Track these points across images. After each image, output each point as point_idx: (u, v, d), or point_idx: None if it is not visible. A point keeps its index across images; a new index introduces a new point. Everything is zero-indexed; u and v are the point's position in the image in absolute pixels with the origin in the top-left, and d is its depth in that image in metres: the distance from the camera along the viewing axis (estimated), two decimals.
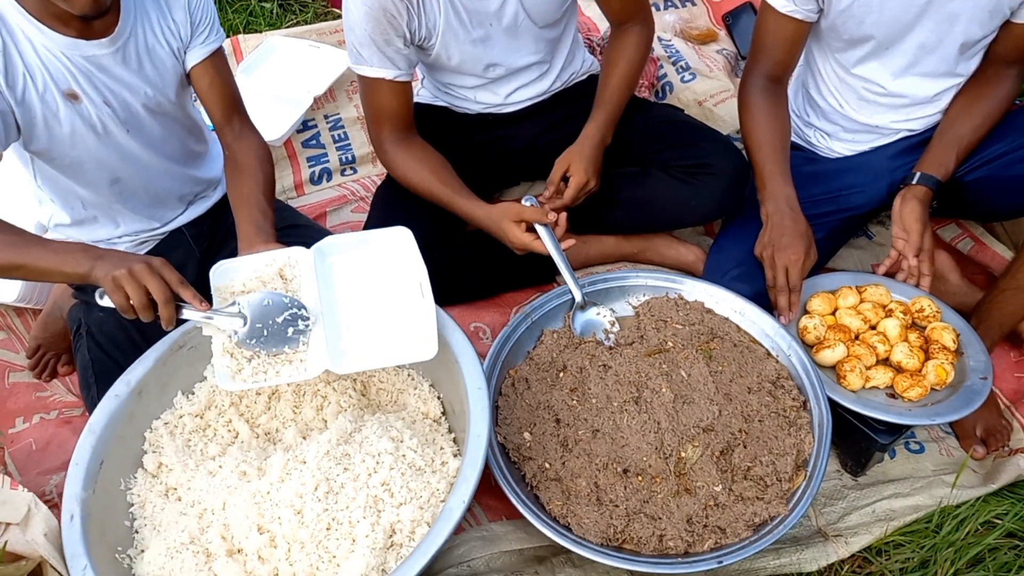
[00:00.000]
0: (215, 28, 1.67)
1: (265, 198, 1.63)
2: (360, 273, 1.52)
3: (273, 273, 1.46)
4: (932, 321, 1.72)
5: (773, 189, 1.77)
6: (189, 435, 1.58)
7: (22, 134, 1.54)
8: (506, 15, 1.79)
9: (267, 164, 1.70)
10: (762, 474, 1.46)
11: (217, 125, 1.72)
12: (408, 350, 1.42)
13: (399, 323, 1.45)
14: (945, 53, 1.74)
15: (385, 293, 1.49)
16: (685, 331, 1.65)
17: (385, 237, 1.54)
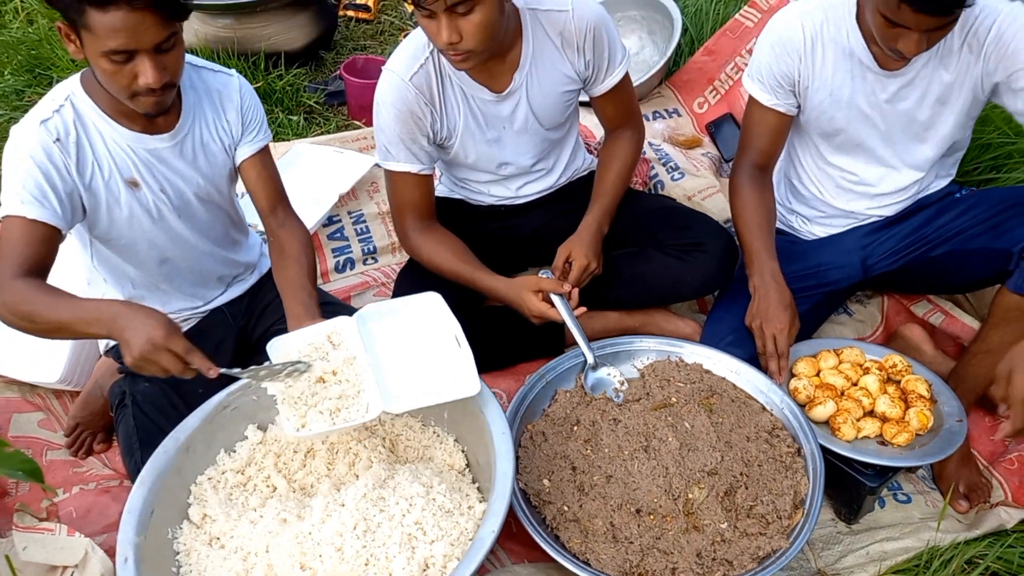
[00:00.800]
0: (263, 128, 1.88)
1: (309, 281, 1.80)
2: (400, 332, 1.69)
3: (323, 340, 1.63)
4: (905, 375, 1.89)
5: (759, 264, 1.96)
6: (231, 489, 1.70)
7: (87, 216, 1.73)
8: (517, 119, 2.02)
9: (309, 249, 1.86)
10: (763, 512, 1.59)
11: (263, 214, 1.89)
12: (453, 389, 1.58)
13: (441, 369, 1.62)
14: (912, 149, 1.97)
15: (424, 347, 1.66)
16: (687, 388, 1.81)
17: (418, 301, 1.73)
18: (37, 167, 1.61)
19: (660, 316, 2.20)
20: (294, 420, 1.54)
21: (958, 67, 1.82)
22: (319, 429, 1.53)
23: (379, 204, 2.59)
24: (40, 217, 1.59)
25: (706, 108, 3.00)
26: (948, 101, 1.88)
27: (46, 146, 1.62)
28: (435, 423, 1.78)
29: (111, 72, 1.53)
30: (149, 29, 1.49)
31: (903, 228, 2.08)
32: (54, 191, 1.61)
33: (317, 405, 1.56)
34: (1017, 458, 1.94)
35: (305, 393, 1.57)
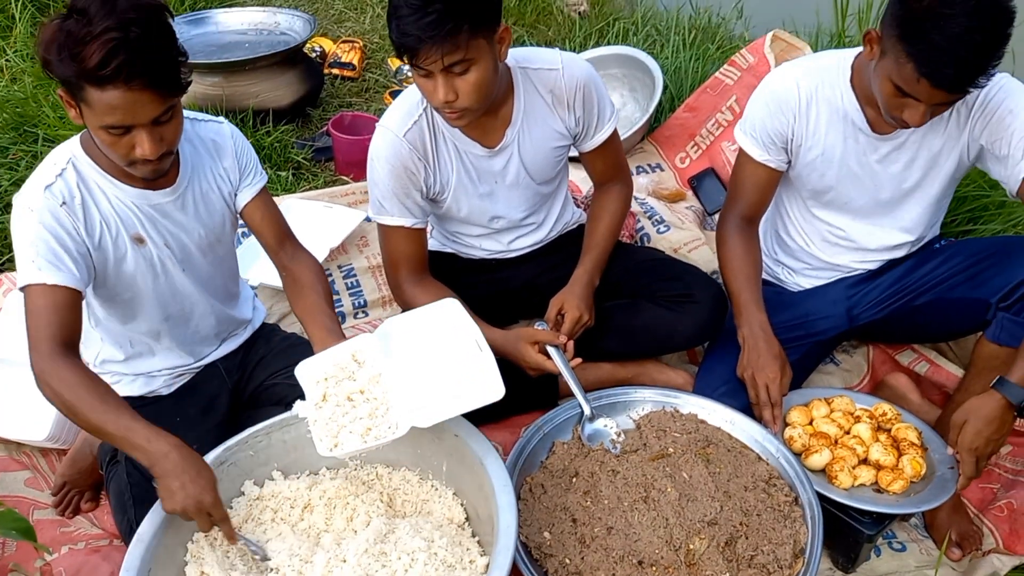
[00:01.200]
0: (259, 169, 1.90)
1: (328, 305, 1.83)
2: (421, 343, 1.71)
3: (347, 359, 1.66)
4: (895, 423, 1.92)
5: (748, 316, 2.00)
6: (228, 548, 1.68)
7: (96, 277, 1.73)
8: (509, 174, 2.06)
9: (323, 277, 1.90)
10: (764, 562, 1.60)
11: (272, 251, 1.92)
12: (477, 396, 1.60)
13: (464, 376, 1.64)
14: (899, 209, 2.03)
15: (446, 355, 1.68)
16: (683, 439, 1.82)
17: (437, 309, 1.77)
18: (48, 231, 1.61)
19: (652, 367, 2.22)
20: (327, 441, 1.57)
21: (947, 132, 1.89)
22: (351, 448, 1.56)
23: (369, 258, 2.61)
24: (60, 281, 1.59)
25: (688, 163, 3.07)
26: (936, 164, 1.94)
27: (53, 210, 1.62)
28: (433, 476, 1.78)
29: (109, 143, 1.55)
30: (146, 106, 1.50)
31: (887, 279, 2.13)
32: (68, 254, 1.61)
33: (347, 425, 1.59)
34: (1007, 505, 1.97)
35: (336, 414, 1.60)
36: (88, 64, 1.41)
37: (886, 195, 2.01)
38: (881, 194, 2.01)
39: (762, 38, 2.86)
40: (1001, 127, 1.81)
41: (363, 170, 2.98)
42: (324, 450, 1.56)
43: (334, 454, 1.56)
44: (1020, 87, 1.82)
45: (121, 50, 1.42)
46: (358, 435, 1.58)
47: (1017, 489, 1.99)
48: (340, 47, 3.80)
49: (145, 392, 1.95)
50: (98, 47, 1.41)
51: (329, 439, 1.58)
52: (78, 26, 1.42)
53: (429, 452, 1.76)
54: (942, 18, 1.57)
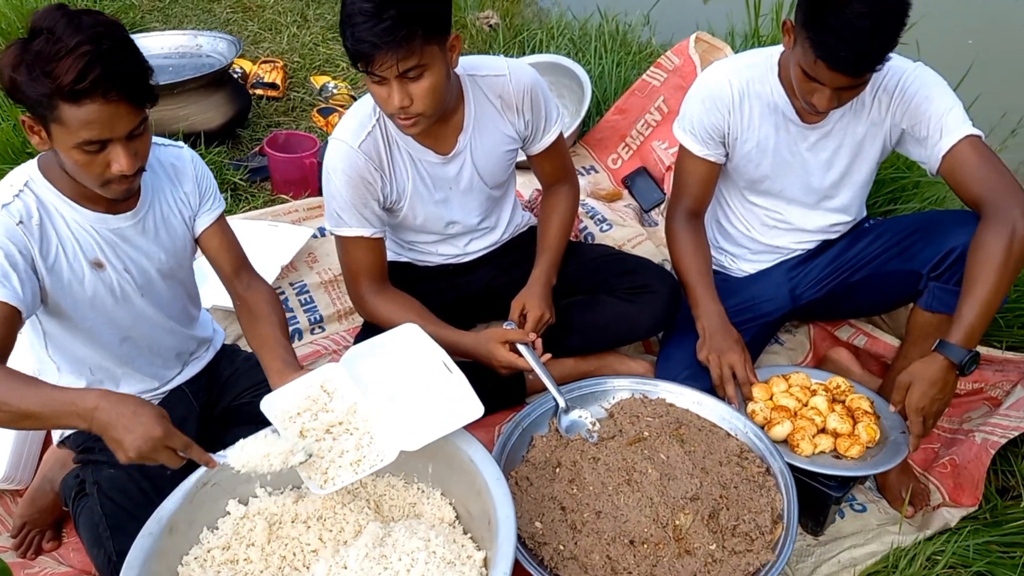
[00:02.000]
0: (217, 196, 1.89)
1: (284, 336, 1.81)
2: (388, 369, 1.73)
3: (317, 391, 1.64)
4: (848, 394, 2.04)
5: (705, 307, 2.10)
6: (219, 567, 1.66)
7: (47, 301, 1.69)
8: (463, 179, 2.11)
9: (279, 307, 1.88)
10: (747, 530, 1.68)
11: (227, 279, 1.90)
12: (460, 415, 1.63)
13: (440, 398, 1.67)
14: (830, 193, 2.16)
15: (417, 379, 1.71)
16: (656, 423, 1.90)
17: (398, 335, 1.79)
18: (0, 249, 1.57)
19: (613, 359, 2.30)
20: (317, 478, 1.55)
21: (870, 119, 2.03)
22: (343, 482, 1.55)
23: (320, 274, 2.61)
24: (2, 298, 1.54)
25: (620, 164, 3.18)
26: (862, 150, 2.08)
27: (8, 228, 1.59)
28: (419, 479, 1.80)
29: (83, 162, 1.53)
30: (123, 119, 1.50)
31: (824, 259, 2.26)
32: (16, 272, 1.57)
33: (335, 460, 1.57)
34: (949, 462, 2.11)
35: (321, 450, 1.57)
36: (64, 80, 1.40)
37: (817, 181, 2.14)
38: (812, 180, 2.14)
39: (686, 40, 2.99)
40: (919, 112, 1.96)
41: (302, 187, 3.01)
42: (316, 488, 1.54)
43: (327, 491, 1.55)
44: (934, 75, 1.98)
45: (96, 63, 1.41)
46: (348, 467, 1.56)
47: (957, 446, 2.13)
48: (261, 67, 3.77)
49: None
50: (73, 62, 1.40)
51: (319, 476, 1.56)
52: (48, 44, 1.41)
53: (413, 456, 1.76)
54: (840, 3, 1.71)
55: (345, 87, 3.75)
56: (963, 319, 1.82)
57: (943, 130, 1.93)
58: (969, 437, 2.12)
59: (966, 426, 2.24)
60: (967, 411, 2.29)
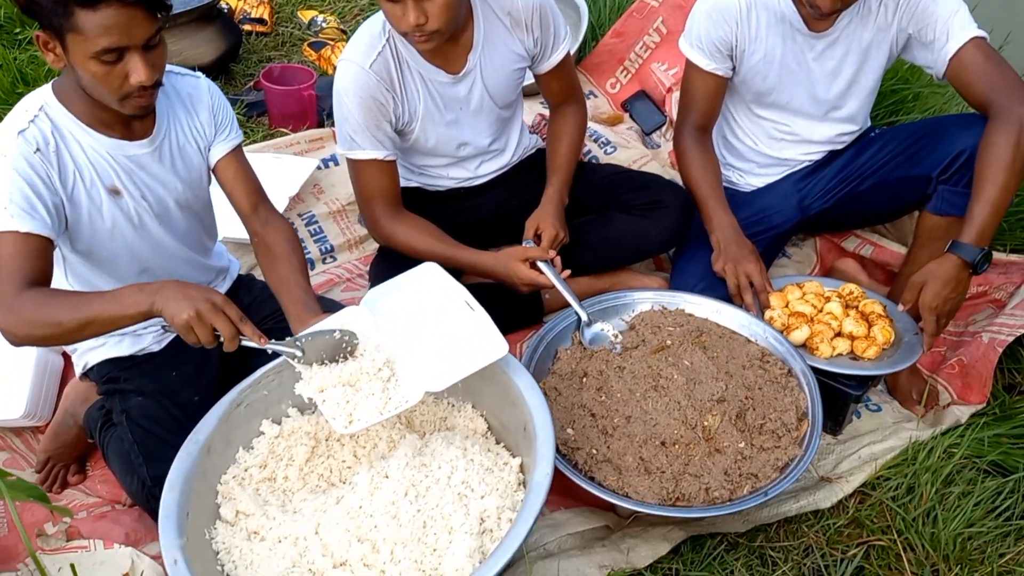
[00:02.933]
0: (235, 126, 1.87)
1: (304, 278, 1.78)
2: (410, 310, 1.72)
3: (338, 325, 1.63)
4: (861, 300, 2.08)
5: (719, 220, 2.12)
6: (257, 485, 1.69)
7: (68, 230, 1.68)
8: (473, 99, 2.09)
9: (298, 246, 1.84)
10: (773, 428, 1.72)
11: (244, 214, 1.87)
12: (484, 354, 1.62)
13: (464, 337, 1.66)
14: (837, 102, 2.16)
15: (440, 319, 1.69)
16: (677, 332, 1.93)
17: (418, 275, 1.77)
18: (21, 178, 1.56)
19: (626, 276, 2.32)
20: (341, 419, 1.54)
21: (876, 25, 2.04)
22: (368, 421, 1.54)
23: (328, 204, 2.59)
24: (33, 229, 1.54)
25: (619, 88, 3.16)
26: (868, 58, 2.09)
27: (27, 156, 1.57)
28: (448, 394, 1.82)
29: (101, 75, 1.51)
30: (140, 24, 1.48)
31: (831, 169, 2.28)
32: (41, 201, 1.57)
33: (361, 402, 1.56)
34: (957, 363, 2.16)
35: (346, 392, 1.57)
36: None
37: (823, 91, 2.15)
38: (818, 90, 2.14)
39: None
40: (926, 15, 1.97)
41: (300, 120, 2.98)
42: (340, 428, 1.53)
43: (351, 430, 1.54)
44: None
45: None
46: (374, 409, 1.55)
47: (964, 347, 2.18)
48: (247, 3, 3.70)
49: (135, 351, 1.92)
50: None
51: (343, 417, 1.55)
52: None
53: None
54: None
55: (334, 20, 3.69)
56: (975, 218, 1.85)
57: (949, 33, 1.94)
58: (976, 338, 2.17)
59: (972, 328, 2.29)
60: (972, 314, 2.35)
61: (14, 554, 1.77)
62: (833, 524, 1.77)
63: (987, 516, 1.79)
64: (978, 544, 1.74)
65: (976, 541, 1.75)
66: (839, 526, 1.77)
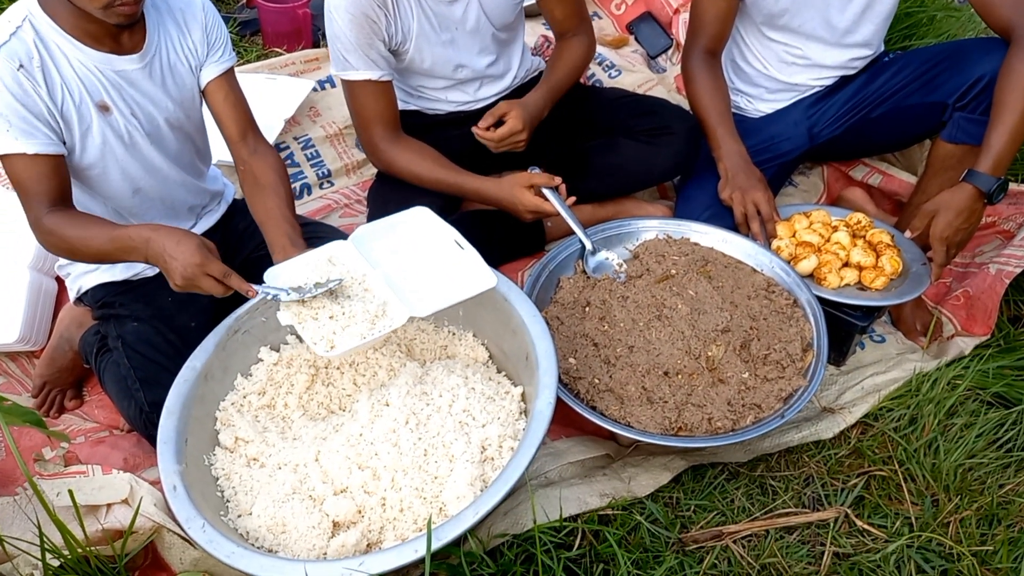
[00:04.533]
0: (228, 48, 1.80)
1: (289, 210, 1.75)
2: (398, 248, 1.70)
3: (324, 263, 1.61)
4: (869, 229, 2.04)
5: (727, 147, 2.06)
6: (256, 412, 1.67)
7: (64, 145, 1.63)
8: (469, 19, 2.01)
9: (285, 177, 1.80)
10: (778, 358, 1.70)
11: (232, 141, 1.81)
12: (472, 286, 1.60)
13: (452, 272, 1.64)
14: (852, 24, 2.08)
15: (428, 257, 1.68)
16: (682, 261, 1.89)
17: (408, 217, 1.75)
18: (13, 96, 1.52)
19: (631, 204, 2.27)
20: (322, 344, 1.50)
21: None
22: (349, 345, 1.50)
23: (324, 127, 2.52)
24: (40, 150, 1.55)
25: (624, 9, 3.06)
26: None
27: (13, 74, 1.52)
28: (448, 322, 1.80)
29: None
30: None
31: (843, 95, 2.22)
32: (38, 118, 1.55)
33: (340, 323, 1.53)
34: (963, 294, 2.14)
35: (325, 315, 1.54)
36: None
37: (836, 14, 2.06)
38: (832, 14, 2.06)
39: None
40: None
41: (295, 40, 2.89)
42: (322, 351, 1.49)
43: (333, 354, 1.49)
44: None
45: None
46: (357, 333, 1.51)
47: (970, 279, 2.15)
48: None
49: (129, 276, 1.88)
50: None
51: (324, 342, 1.51)
52: None
53: None
54: None
55: None
56: (992, 147, 1.80)
57: None
58: (982, 269, 2.14)
59: (978, 259, 2.26)
60: (979, 245, 2.31)
61: (12, 479, 1.77)
62: (834, 454, 1.76)
63: (988, 447, 1.78)
64: (978, 475, 1.74)
65: (976, 472, 1.74)
66: (840, 456, 1.76)
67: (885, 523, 1.65)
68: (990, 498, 1.68)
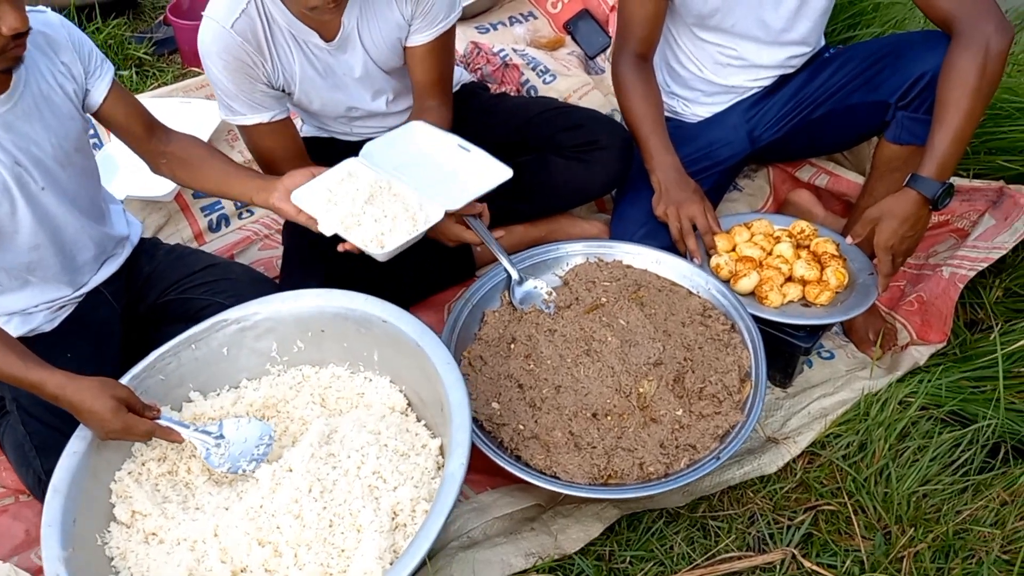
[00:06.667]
0: (102, 58, 1.69)
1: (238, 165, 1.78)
2: (409, 157, 1.76)
3: (346, 177, 1.68)
4: (813, 238, 1.94)
5: (660, 160, 1.95)
6: (156, 480, 1.55)
7: None
8: (356, 68, 1.85)
9: (212, 145, 1.78)
10: (713, 392, 1.59)
11: (142, 139, 1.75)
12: (490, 178, 1.71)
13: (466, 170, 1.74)
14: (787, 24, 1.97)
15: (439, 162, 1.76)
16: (613, 287, 1.78)
17: (407, 131, 1.80)
18: None
19: (565, 221, 2.15)
20: (373, 244, 1.59)
21: None
22: (399, 241, 1.59)
23: (243, 152, 2.38)
24: None
25: (560, 7, 2.93)
26: None
27: None
28: (364, 367, 1.68)
29: None
30: None
31: (782, 95, 2.10)
32: None
33: (384, 225, 1.62)
34: (916, 299, 2.04)
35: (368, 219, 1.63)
36: None
37: (770, 13, 1.95)
38: (765, 13, 1.95)
39: None
40: None
41: None
42: (376, 250, 1.58)
43: (387, 251, 1.58)
44: None
45: None
46: (403, 230, 1.61)
47: (924, 282, 2.05)
48: None
49: (24, 332, 1.74)
50: None
51: (374, 243, 1.59)
52: None
53: (357, 344, 1.66)
54: None
55: None
56: (935, 149, 1.70)
57: None
58: (936, 272, 2.04)
59: (932, 260, 2.16)
60: (933, 244, 2.21)
61: None
62: (780, 489, 1.66)
63: (943, 471, 1.68)
64: (933, 502, 1.64)
65: (932, 499, 1.64)
66: (786, 490, 1.66)
67: (835, 562, 1.55)
68: (946, 527, 1.58)
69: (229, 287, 1.81)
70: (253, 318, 1.66)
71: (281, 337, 1.68)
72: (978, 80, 1.66)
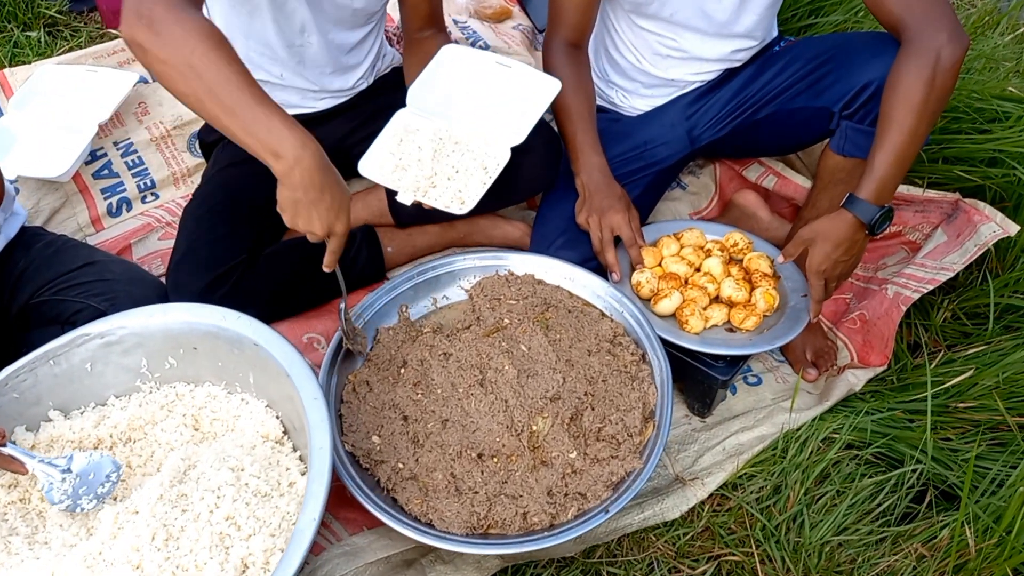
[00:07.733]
0: None
1: None
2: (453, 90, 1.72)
3: (404, 134, 1.68)
4: (747, 252, 1.80)
5: (586, 160, 1.79)
6: (5, 509, 1.43)
7: None
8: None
9: None
10: (613, 432, 1.47)
11: None
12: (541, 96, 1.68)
13: (515, 91, 1.70)
14: (730, 15, 1.80)
15: (484, 88, 1.72)
16: (519, 306, 1.64)
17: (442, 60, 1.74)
18: None
19: (486, 222, 1.99)
20: (455, 204, 1.57)
21: None
22: (477, 195, 1.58)
23: (150, 128, 2.20)
24: None
25: None
26: None
27: None
28: (241, 389, 1.55)
29: None
30: None
31: (725, 92, 1.94)
32: None
33: (459, 182, 1.61)
34: (859, 317, 1.91)
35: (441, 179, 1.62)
36: None
37: (714, 3, 1.77)
38: (707, 3, 1.77)
39: None
40: None
41: None
42: (457, 209, 1.57)
43: (466, 208, 1.56)
44: None
45: None
46: (478, 182, 1.60)
47: (868, 299, 1.92)
48: None
49: None
50: None
51: (455, 203, 1.58)
52: None
53: (231, 364, 1.52)
54: None
55: None
56: (875, 170, 1.54)
57: None
58: (882, 289, 1.91)
59: (880, 274, 2.02)
60: (883, 256, 2.07)
61: None
62: (684, 534, 1.54)
63: (862, 519, 1.57)
64: (849, 553, 1.53)
65: (847, 549, 1.53)
66: (691, 536, 1.54)
67: None
68: None
69: (105, 289, 1.67)
70: (118, 332, 1.52)
71: (150, 353, 1.54)
72: (925, 95, 1.50)
